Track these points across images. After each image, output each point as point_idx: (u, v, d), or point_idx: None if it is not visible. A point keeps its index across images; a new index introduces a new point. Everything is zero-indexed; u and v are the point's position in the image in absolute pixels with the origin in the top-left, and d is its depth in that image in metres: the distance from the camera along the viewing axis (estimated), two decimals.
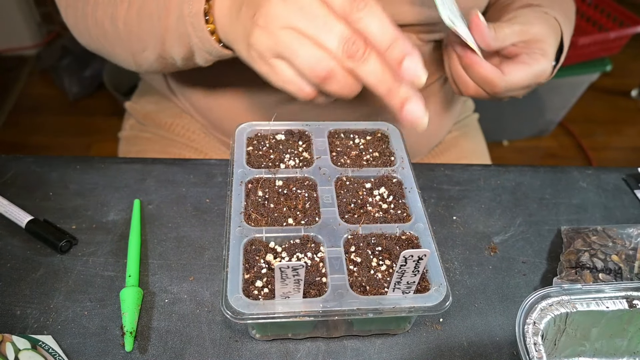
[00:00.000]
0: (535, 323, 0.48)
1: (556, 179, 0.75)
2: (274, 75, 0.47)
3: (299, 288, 0.46)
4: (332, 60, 0.42)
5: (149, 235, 0.63)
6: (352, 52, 0.41)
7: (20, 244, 0.61)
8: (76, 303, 0.55)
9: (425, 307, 0.48)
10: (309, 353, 0.53)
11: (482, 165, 0.76)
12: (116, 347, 0.52)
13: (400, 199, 0.58)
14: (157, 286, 0.57)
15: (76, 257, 0.60)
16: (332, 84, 0.43)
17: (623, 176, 0.76)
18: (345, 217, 0.56)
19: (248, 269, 0.50)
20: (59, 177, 0.69)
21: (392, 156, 0.64)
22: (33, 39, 2.25)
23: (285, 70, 0.45)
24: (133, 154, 0.90)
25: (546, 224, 0.68)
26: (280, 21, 0.43)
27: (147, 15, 0.61)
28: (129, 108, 0.95)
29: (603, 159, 2.04)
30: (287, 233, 0.53)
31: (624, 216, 0.70)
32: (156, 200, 0.67)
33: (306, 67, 0.43)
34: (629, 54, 2.16)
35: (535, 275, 0.62)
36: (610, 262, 0.60)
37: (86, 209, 0.65)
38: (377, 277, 0.51)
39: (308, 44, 0.42)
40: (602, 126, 2.19)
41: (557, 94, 1.90)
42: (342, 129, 0.66)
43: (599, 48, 1.72)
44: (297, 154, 0.63)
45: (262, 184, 0.58)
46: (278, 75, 0.46)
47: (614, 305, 0.50)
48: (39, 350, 0.49)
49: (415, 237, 0.54)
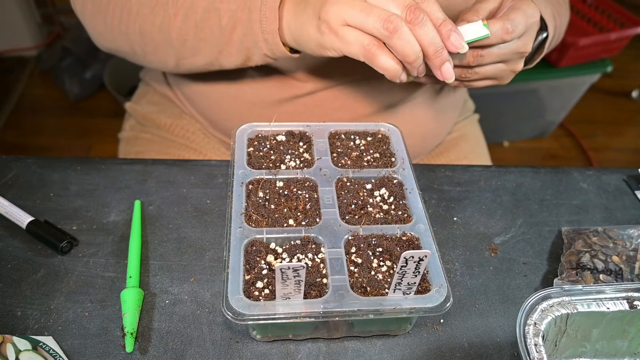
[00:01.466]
0: (536, 324, 0.48)
1: (557, 179, 0.75)
2: (340, 40, 0.54)
3: (299, 289, 0.46)
4: (399, 19, 0.51)
5: (150, 236, 0.63)
6: (414, 17, 0.51)
7: (21, 244, 0.61)
8: (77, 304, 0.55)
9: (426, 308, 0.48)
10: (309, 354, 0.53)
11: (482, 166, 0.76)
12: (117, 348, 0.52)
13: (400, 199, 0.58)
14: (157, 287, 0.57)
15: (77, 258, 0.60)
16: (399, 38, 0.51)
17: (624, 177, 0.76)
18: (346, 218, 0.56)
19: (249, 270, 0.50)
20: (59, 178, 0.69)
21: (392, 157, 0.64)
22: (34, 40, 2.25)
23: (350, 33, 0.53)
24: (133, 154, 0.90)
25: (547, 225, 0.68)
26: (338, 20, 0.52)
27: (207, 27, 0.64)
28: (129, 109, 0.95)
29: (604, 160, 2.04)
30: (287, 234, 0.53)
31: (625, 217, 0.70)
32: (157, 201, 0.67)
33: (378, 23, 0.51)
34: (630, 55, 2.17)
35: (536, 276, 0.62)
36: (611, 263, 0.60)
37: (87, 209, 0.65)
38: (377, 278, 0.51)
39: (377, 9, 0.51)
40: (602, 127, 2.19)
41: (558, 95, 1.90)
42: (343, 130, 0.66)
43: (600, 49, 1.72)
44: (298, 154, 0.63)
45: (263, 185, 0.58)
46: (343, 39, 0.53)
47: (614, 306, 0.50)
48: (39, 351, 0.49)
49: (415, 238, 0.54)
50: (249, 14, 0.61)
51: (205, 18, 0.64)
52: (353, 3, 0.52)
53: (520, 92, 1.81)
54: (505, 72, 0.62)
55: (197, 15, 0.64)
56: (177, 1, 0.65)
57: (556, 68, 1.74)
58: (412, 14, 0.51)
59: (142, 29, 0.69)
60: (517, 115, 1.97)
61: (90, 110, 2.08)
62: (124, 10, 0.69)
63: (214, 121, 0.85)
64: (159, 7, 0.66)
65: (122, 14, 0.69)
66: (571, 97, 1.91)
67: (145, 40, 0.70)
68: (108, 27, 0.72)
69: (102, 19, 0.72)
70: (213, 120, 0.85)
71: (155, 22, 0.67)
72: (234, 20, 0.62)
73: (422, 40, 0.52)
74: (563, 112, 1.99)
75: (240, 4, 0.61)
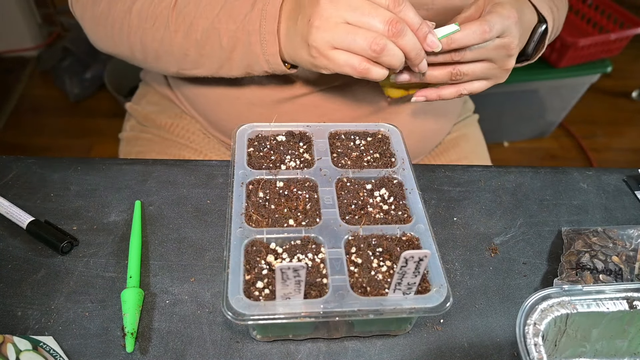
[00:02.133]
0: (535, 324, 0.48)
1: (557, 180, 0.75)
2: (332, 63, 0.57)
3: (299, 289, 0.46)
4: (384, 38, 0.54)
5: (150, 237, 0.63)
6: (396, 30, 0.54)
7: (21, 245, 0.61)
8: (77, 304, 0.55)
9: (426, 308, 0.48)
10: (309, 354, 0.53)
11: (482, 166, 0.76)
12: (117, 348, 0.52)
13: (400, 200, 0.58)
14: (158, 287, 0.58)
15: (77, 258, 0.60)
16: (386, 55, 0.55)
17: (624, 177, 0.76)
18: (346, 218, 0.56)
19: (249, 270, 0.50)
20: (60, 178, 0.69)
21: (392, 157, 0.64)
22: (34, 40, 2.25)
23: (340, 56, 0.56)
24: (133, 154, 0.90)
25: (547, 225, 0.68)
26: (333, 19, 0.55)
27: (208, 45, 0.66)
28: (129, 109, 0.95)
29: (603, 160, 2.04)
30: (288, 234, 0.53)
31: (625, 217, 0.70)
32: (157, 201, 0.67)
33: (365, 46, 0.54)
34: (630, 55, 2.17)
35: (535, 276, 0.62)
36: (611, 263, 0.60)
37: (87, 210, 0.65)
38: (377, 278, 0.51)
39: (361, 31, 0.54)
40: (602, 127, 2.19)
41: (558, 95, 1.90)
42: (343, 130, 0.66)
43: (600, 49, 1.72)
44: (298, 155, 0.63)
45: (263, 185, 0.58)
46: (334, 62, 0.57)
47: (614, 307, 0.50)
48: (40, 351, 0.49)
49: (415, 238, 0.54)
50: (248, 36, 0.63)
51: (205, 37, 0.65)
52: (336, 27, 0.55)
53: (520, 92, 1.82)
54: (496, 70, 0.64)
55: (198, 34, 0.66)
56: (177, 19, 0.66)
57: (556, 68, 1.74)
58: (394, 28, 0.54)
59: (143, 40, 0.70)
60: (517, 116, 1.97)
61: (90, 111, 2.08)
62: (124, 22, 0.70)
63: (214, 121, 0.85)
64: (159, 23, 0.67)
65: (123, 26, 0.70)
66: (571, 97, 1.91)
67: (147, 51, 0.71)
68: (108, 35, 0.73)
69: (103, 28, 0.73)
70: (213, 121, 0.85)
71: (156, 36, 0.68)
72: (234, 40, 0.64)
73: (405, 48, 0.56)
74: (563, 113, 2.00)
75: (239, 25, 0.63)
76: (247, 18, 0.62)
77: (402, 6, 0.56)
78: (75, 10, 0.76)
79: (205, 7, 0.65)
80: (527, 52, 0.71)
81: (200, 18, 0.65)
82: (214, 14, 0.64)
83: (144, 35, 0.69)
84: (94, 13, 0.72)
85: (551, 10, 0.70)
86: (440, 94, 0.66)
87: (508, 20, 0.59)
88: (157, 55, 0.71)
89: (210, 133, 0.88)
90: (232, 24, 0.64)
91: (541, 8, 0.67)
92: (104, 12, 0.71)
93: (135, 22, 0.69)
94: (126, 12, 0.69)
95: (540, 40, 0.69)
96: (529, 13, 0.65)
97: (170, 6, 0.67)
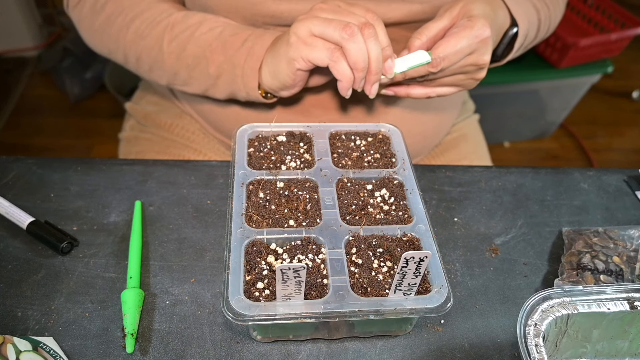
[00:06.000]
0: (536, 324, 0.48)
1: (557, 180, 0.75)
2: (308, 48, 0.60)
3: (300, 290, 0.46)
4: (356, 27, 0.58)
5: (150, 237, 0.63)
6: (367, 31, 0.58)
7: (21, 245, 0.61)
8: (77, 304, 0.55)
9: (427, 309, 0.48)
10: (310, 354, 0.53)
11: (483, 166, 0.76)
12: (117, 349, 0.52)
13: (401, 200, 0.58)
14: (158, 288, 0.58)
15: (77, 259, 0.60)
16: (354, 42, 0.58)
17: (624, 178, 0.75)
18: (347, 218, 0.56)
19: (249, 270, 0.50)
20: (60, 178, 0.69)
21: (393, 158, 0.64)
22: (34, 41, 2.25)
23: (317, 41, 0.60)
24: (133, 154, 0.90)
25: (547, 226, 0.68)
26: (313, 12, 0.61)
27: (197, 70, 0.70)
28: (129, 109, 0.96)
29: (604, 161, 2.04)
30: (288, 235, 0.53)
31: (625, 218, 0.70)
32: (157, 201, 0.67)
33: (338, 28, 0.58)
34: (630, 55, 2.16)
35: (536, 276, 0.62)
36: (612, 264, 0.60)
37: (87, 210, 0.65)
38: (378, 278, 0.50)
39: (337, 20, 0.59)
40: (603, 128, 2.19)
41: (558, 96, 1.90)
42: (344, 130, 0.66)
43: (600, 50, 1.72)
44: (299, 155, 0.63)
45: (263, 185, 0.58)
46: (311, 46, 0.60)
47: (615, 307, 0.50)
48: (40, 351, 0.49)
49: (416, 239, 0.54)
50: (233, 69, 0.68)
51: (195, 63, 0.70)
52: (317, 18, 0.60)
53: (520, 92, 1.81)
54: (466, 81, 0.67)
55: (189, 59, 0.70)
56: (171, 42, 0.70)
57: (557, 69, 1.74)
58: (366, 28, 0.58)
59: (137, 55, 0.73)
60: (517, 116, 1.97)
61: (90, 111, 2.08)
62: (120, 36, 0.73)
63: (214, 122, 0.85)
64: (155, 43, 0.71)
65: (119, 39, 0.73)
66: (572, 97, 1.91)
67: (140, 64, 0.75)
68: (104, 44, 0.76)
69: (99, 37, 0.75)
70: (212, 121, 0.85)
71: (151, 54, 0.72)
72: (220, 70, 0.69)
73: (370, 52, 0.59)
74: (564, 113, 1.99)
75: (227, 58, 0.68)
76: (236, 53, 0.67)
77: (375, 23, 0.60)
78: (71, 14, 0.78)
79: (200, 37, 0.69)
80: (497, 54, 0.71)
81: (194, 45, 0.69)
82: (207, 44, 0.68)
83: (139, 51, 0.72)
84: (92, 24, 0.75)
85: (536, 10, 0.71)
86: (409, 92, 0.68)
87: (477, 39, 0.62)
88: (149, 68, 0.74)
89: (210, 133, 0.88)
90: (221, 56, 0.68)
91: (515, 12, 0.68)
92: (102, 24, 0.73)
93: (131, 38, 0.72)
94: (123, 27, 0.72)
95: (509, 43, 0.71)
96: (502, 16, 0.67)
97: (166, 29, 0.70)
